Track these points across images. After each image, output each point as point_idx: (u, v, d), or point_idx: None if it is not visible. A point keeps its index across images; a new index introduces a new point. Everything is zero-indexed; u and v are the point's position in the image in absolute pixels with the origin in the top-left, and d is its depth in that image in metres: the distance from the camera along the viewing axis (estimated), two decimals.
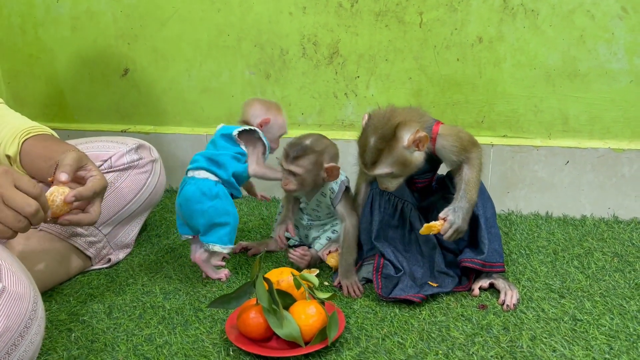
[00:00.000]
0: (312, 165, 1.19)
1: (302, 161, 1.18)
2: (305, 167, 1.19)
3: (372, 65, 1.58)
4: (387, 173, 1.09)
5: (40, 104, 1.92)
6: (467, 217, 1.11)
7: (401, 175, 1.11)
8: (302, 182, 1.20)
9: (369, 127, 1.10)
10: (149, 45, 1.73)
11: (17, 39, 1.85)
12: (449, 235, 1.10)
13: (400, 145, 1.07)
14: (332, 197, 1.24)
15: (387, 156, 1.07)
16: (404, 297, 1.09)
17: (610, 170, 1.47)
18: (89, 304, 1.15)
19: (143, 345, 1.00)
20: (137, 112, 1.82)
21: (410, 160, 1.09)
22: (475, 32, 1.48)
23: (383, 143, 1.07)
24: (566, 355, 0.93)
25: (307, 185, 1.21)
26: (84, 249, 1.26)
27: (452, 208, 1.10)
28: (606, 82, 1.44)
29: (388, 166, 1.08)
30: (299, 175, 1.19)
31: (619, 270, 1.21)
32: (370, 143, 1.08)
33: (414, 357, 0.94)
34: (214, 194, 1.17)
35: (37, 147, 1.10)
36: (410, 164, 1.09)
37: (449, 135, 1.12)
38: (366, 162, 1.09)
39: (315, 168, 1.20)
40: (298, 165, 1.18)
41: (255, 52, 1.65)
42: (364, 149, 1.10)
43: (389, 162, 1.08)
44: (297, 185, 1.20)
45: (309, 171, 1.19)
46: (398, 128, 1.07)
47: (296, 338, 0.94)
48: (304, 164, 1.18)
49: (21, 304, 0.81)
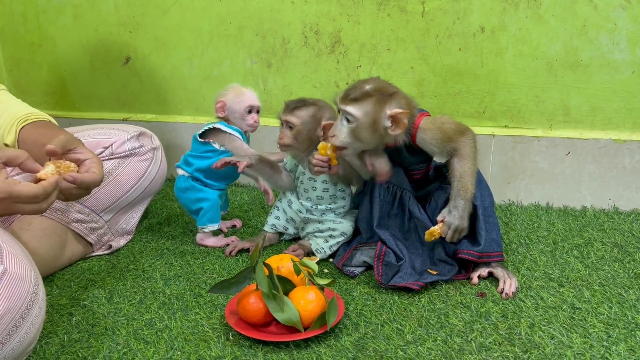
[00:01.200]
0: (310, 118, 1.17)
1: (301, 112, 1.17)
2: (303, 118, 1.17)
3: (374, 55, 1.57)
4: (355, 118, 1.07)
5: (41, 92, 1.92)
6: (465, 213, 1.11)
7: (359, 136, 1.09)
8: (297, 135, 1.17)
9: (371, 79, 1.11)
10: (151, 34, 1.73)
11: (18, 27, 1.85)
12: (450, 237, 1.11)
13: (385, 109, 1.07)
14: None
15: (369, 104, 1.07)
16: (403, 284, 1.10)
17: (612, 162, 1.47)
18: (90, 289, 1.16)
19: (143, 330, 1.00)
20: (138, 100, 1.82)
21: (377, 129, 1.08)
22: (477, 21, 1.48)
23: (376, 93, 1.07)
24: (564, 342, 0.94)
25: (303, 141, 1.19)
26: (85, 235, 1.27)
27: (448, 209, 1.11)
28: (608, 73, 1.44)
29: (362, 112, 1.07)
30: (295, 127, 1.17)
31: (619, 260, 1.21)
32: (365, 86, 1.08)
33: (412, 343, 0.95)
34: (185, 187, 1.35)
35: (33, 135, 1.10)
36: (374, 132, 1.09)
37: (429, 130, 1.12)
38: (348, 93, 1.08)
39: (313, 122, 1.18)
40: (295, 116, 1.17)
41: (257, 41, 1.65)
42: (354, 86, 1.09)
43: (365, 111, 1.07)
44: (292, 140, 1.18)
45: (306, 123, 1.17)
46: (395, 95, 1.08)
47: (295, 323, 0.95)
48: (302, 115, 1.17)
49: (22, 285, 0.82)
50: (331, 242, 1.25)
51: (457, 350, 0.93)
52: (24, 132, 1.11)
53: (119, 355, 0.93)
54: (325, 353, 0.92)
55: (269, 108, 1.70)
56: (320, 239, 1.26)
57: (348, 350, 0.93)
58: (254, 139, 1.47)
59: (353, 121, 1.08)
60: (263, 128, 1.69)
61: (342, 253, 1.23)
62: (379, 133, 1.09)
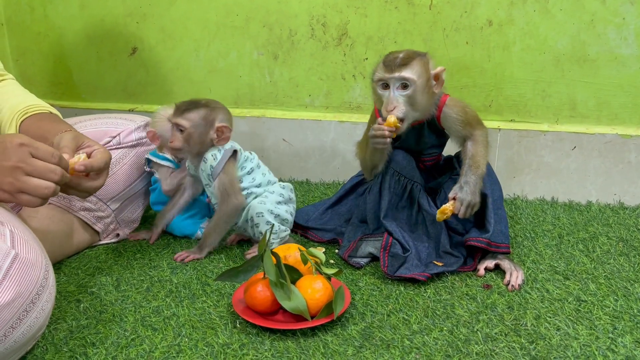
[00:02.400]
0: (202, 120, 1.16)
1: (192, 114, 1.16)
2: (194, 120, 1.16)
3: (381, 47, 1.57)
4: (412, 79, 1.09)
5: (48, 82, 1.92)
6: (477, 189, 1.12)
7: (415, 102, 1.10)
8: (188, 138, 1.16)
9: (396, 51, 1.14)
10: (157, 25, 1.73)
11: (25, 17, 1.85)
12: (463, 213, 1.11)
13: (428, 66, 1.11)
14: (212, 165, 1.18)
15: (418, 64, 1.10)
16: (409, 275, 1.10)
17: (617, 157, 1.47)
18: (97, 276, 1.16)
19: (151, 317, 1.01)
20: (144, 91, 1.82)
21: (429, 89, 1.11)
22: (485, 15, 1.47)
23: (415, 55, 1.11)
24: (570, 333, 0.94)
25: (194, 144, 1.17)
26: (92, 223, 1.27)
27: (459, 185, 1.11)
28: (615, 68, 1.43)
29: (415, 73, 1.09)
30: (186, 130, 1.15)
31: (624, 254, 1.21)
32: (403, 54, 1.11)
33: (418, 332, 0.95)
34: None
35: (32, 128, 1.09)
36: (427, 94, 1.11)
37: (455, 106, 1.16)
38: (395, 63, 1.09)
39: (205, 124, 1.16)
40: (186, 119, 1.16)
41: (264, 32, 1.65)
42: (391, 57, 1.11)
43: (417, 70, 1.10)
44: (183, 143, 1.16)
45: (197, 126, 1.16)
46: (428, 55, 1.13)
47: (302, 311, 0.95)
48: (193, 118, 1.16)
49: (33, 271, 0.82)
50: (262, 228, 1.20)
51: (464, 340, 0.93)
52: (25, 125, 1.10)
53: (127, 342, 0.93)
54: (332, 341, 0.93)
55: (274, 100, 1.70)
56: (256, 234, 1.23)
57: (354, 339, 0.94)
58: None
59: (411, 85, 1.10)
60: (267, 120, 1.69)
61: (347, 244, 1.23)
62: (430, 95, 1.12)
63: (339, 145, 1.67)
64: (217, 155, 1.19)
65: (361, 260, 1.19)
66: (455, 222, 1.21)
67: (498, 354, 0.89)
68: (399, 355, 0.90)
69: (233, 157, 1.21)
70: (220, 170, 1.18)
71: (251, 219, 1.21)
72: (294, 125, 1.69)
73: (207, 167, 1.20)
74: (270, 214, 1.21)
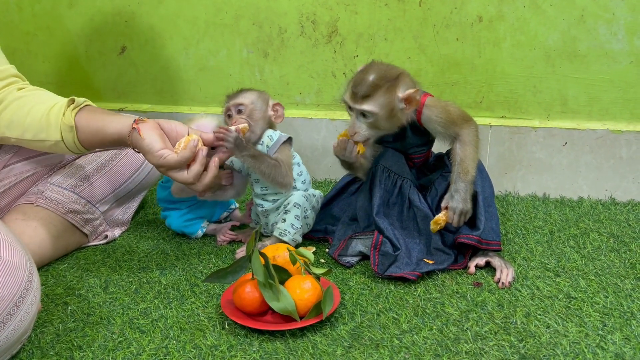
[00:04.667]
0: (258, 98, 1.21)
1: (247, 94, 1.21)
2: (251, 98, 1.20)
3: (371, 45, 1.57)
4: (373, 112, 1.09)
5: (36, 82, 1.88)
6: (468, 195, 1.12)
7: (379, 126, 1.11)
8: (251, 114, 1.19)
9: (370, 67, 1.11)
10: (146, 23, 1.72)
11: (13, 16, 1.83)
12: (457, 221, 1.12)
13: (397, 93, 1.09)
14: (269, 145, 1.21)
15: (381, 96, 1.08)
16: (400, 274, 1.09)
17: (608, 152, 1.47)
18: (85, 278, 1.15)
19: (139, 319, 1.00)
20: (134, 90, 1.81)
21: (395, 114, 1.10)
22: (475, 11, 1.47)
23: (383, 81, 1.08)
24: (560, 331, 0.94)
25: (256, 119, 1.20)
26: (81, 226, 1.26)
27: (449, 194, 1.12)
28: (606, 63, 1.43)
29: (377, 106, 1.08)
30: (247, 107, 1.19)
31: (615, 250, 1.21)
32: (369, 78, 1.08)
33: (408, 332, 0.95)
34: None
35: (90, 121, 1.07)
36: (392, 118, 1.10)
37: (435, 107, 1.14)
38: (358, 93, 1.08)
39: (262, 102, 1.21)
40: (243, 97, 1.20)
41: (254, 30, 1.64)
42: (358, 82, 1.09)
43: (380, 103, 1.08)
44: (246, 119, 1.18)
45: (256, 102, 1.20)
46: (401, 76, 1.09)
47: (291, 312, 0.95)
48: (249, 96, 1.21)
49: (17, 273, 0.81)
50: (288, 219, 1.21)
51: (453, 339, 0.93)
52: (81, 119, 1.07)
53: (114, 344, 0.93)
54: (321, 342, 0.92)
55: None
56: (279, 222, 1.22)
57: (344, 339, 0.93)
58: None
59: (371, 117, 1.10)
60: None
61: (337, 243, 1.22)
62: (396, 117, 1.11)
63: (330, 143, 1.65)
64: (273, 136, 1.22)
65: (351, 260, 1.18)
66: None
67: (487, 352, 0.89)
68: (388, 355, 0.89)
69: (288, 142, 1.24)
70: (276, 151, 1.21)
71: (285, 206, 1.22)
72: (285, 124, 1.67)
73: (264, 148, 1.22)
74: (304, 212, 1.23)
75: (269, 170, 1.17)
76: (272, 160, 1.18)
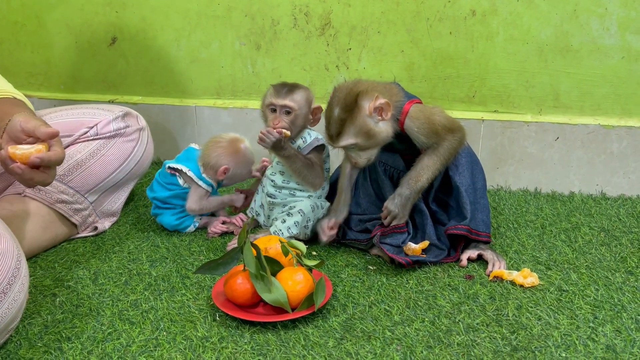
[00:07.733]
0: (305, 101, 1.20)
1: (297, 96, 1.19)
2: (300, 102, 1.19)
3: (364, 38, 1.56)
4: (351, 144, 1.08)
5: (25, 72, 1.88)
6: (408, 203, 1.13)
7: (368, 146, 1.10)
8: (295, 120, 1.19)
9: (334, 99, 1.10)
10: (137, 14, 1.70)
11: (1, 6, 1.81)
12: (387, 222, 1.13)
13: (363, 114, 1.07)
14: (301, 147, 1.22)
15: (350, 126, 1.07)
16: (391, 254, 1.09)
17: (600, 147, 1.48)
18: (74, 270, 1.14)
19: (128, 310, 0.99)
20: (124, 82, 1.79)
21: (374, 130, 1.08)
22: (468, 5, 1.46)
23: (345, 113, 1.07)
24: (551, 323, 0.94)
25: (297, 125, 1.20)
26: (70, 216, 1.24)
27: (393, 195, 1.13)
28: (598, 58, 1.43)
29: (352, 137, 1.08)
30: (294, 112, 1.19)
31: (605, 244, 1.22)
32: (335, 114, 1.08)
33: (400, 323, 0.95)
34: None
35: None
36: (375, 134, 1.08)
37: (417, 119, 1.11)
38: (331, 134, 1.09)
39: (307, 105, 1.20)
40: (293, 100, 1.19)
41: (246, 22, 1.62)
42: (329, 121, 1.10)
43: (353, 133, 1.07)
44: (289, 124, 1.19)
45: (302, 107, 1.20)
46: (359, 97, 1.06)
47: (283, 304, 0.94)
48: (298, 99, 1.19)
49: (4, 260, 0.80)
50: (288, 221, 1.20)
51: (445, 331, 0.92)
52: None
53: (103, 336, 0.92)
54: (312, 333, 0.92)
55: (257, 91, 1.68)
56: (279, 220, 1.22)
57: (336, 330, 0.93)
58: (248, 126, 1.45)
59: (356, 147, 1.10)
60: (250, 111, 1.67)
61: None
62: (378, 131, 1.08)
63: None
64: (307, 138, 1.22)
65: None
66: (441, 213, 1.20)
67: (479, 344, 0.89)
68: (379, 346, 0.89)
69: (321, 147, 1.23)
70: (308, 153, 1.21)
71: (290, 208, 1.21)
72: None
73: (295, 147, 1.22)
74: (306, 221, 1.21)
75: (303, 169, 1.20)
76: (306, 160, 1.20)
